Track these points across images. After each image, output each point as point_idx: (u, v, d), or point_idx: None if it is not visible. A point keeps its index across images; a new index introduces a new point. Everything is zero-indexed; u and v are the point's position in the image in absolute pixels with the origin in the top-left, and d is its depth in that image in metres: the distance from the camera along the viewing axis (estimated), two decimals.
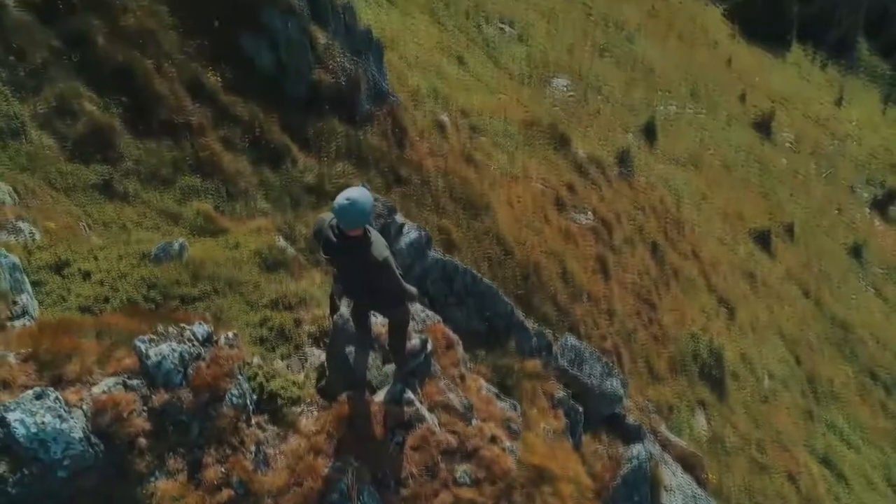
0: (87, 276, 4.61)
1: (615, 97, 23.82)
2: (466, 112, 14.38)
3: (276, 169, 8.12)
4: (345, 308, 3.99)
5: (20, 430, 2.40)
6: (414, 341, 3.90)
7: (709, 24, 43.71)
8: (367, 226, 3.17)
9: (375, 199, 4.87)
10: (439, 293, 5.50)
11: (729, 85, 33.81)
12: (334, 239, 3.19)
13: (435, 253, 5.56)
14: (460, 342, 4.31)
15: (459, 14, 22.13)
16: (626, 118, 22.11)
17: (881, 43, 59.17)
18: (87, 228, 5.68)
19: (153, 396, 2.84)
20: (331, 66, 9.13)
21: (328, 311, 4.46)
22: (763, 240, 19.27)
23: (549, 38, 25.37)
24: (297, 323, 4.44)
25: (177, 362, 2.90)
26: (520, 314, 5.87)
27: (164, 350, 2.90)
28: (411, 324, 3.80)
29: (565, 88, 21.88)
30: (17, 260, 4.01)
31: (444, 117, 13.32)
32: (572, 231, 11.71)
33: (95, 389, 2.76)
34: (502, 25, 23.93)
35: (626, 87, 25.37)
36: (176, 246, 5.20)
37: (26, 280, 4.12)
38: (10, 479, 2.38)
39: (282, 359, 4.06)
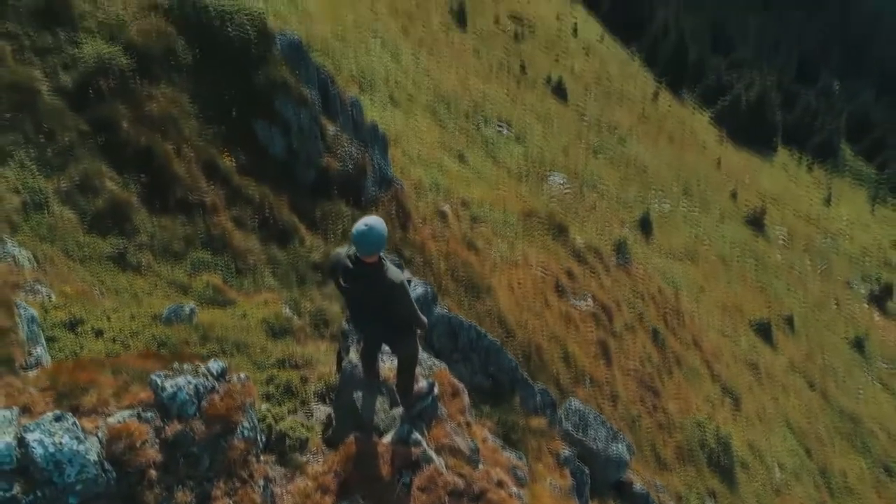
0: (99, 333, 4.71)
1: (610, 193, 24.66)
2: (467, 203, 14.89)
3: (284, 247, 8.37)
4: (354, 353, 4.06)
5: (38, 451, 2.44)
6: (421, 383, 3.94)
7: (697, 128, 45.91)
8: (382, 254, 3.34)
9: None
10: (445, 348, 5.56)
11: (720, 184, 35.02)
12: (351, 266, 3.35)
13: (441, 308, 5.68)
14: (465, 390, 4.34)
15: (459, 115, 23.38)
16: (621, 213, 22.78)
17: (863, 147, 61.83)
18: (100, 294, 5.82)
19: (166, 427, 2.88)
20: (339, 153, 9.62)
21: (335, 369, 4.52)
22: (764, 331, 19.30)
23: (545, 138, 26.63)
24: (304, 380, 4.48)
25: (192, 393, 2.96)
26: (523, 371, 5.88)
27: (180, 382, 2.97)
28: (418, 368, 3.86)
29: (562, 184, 22.69)
30: (35, 313, 4.13)
31: (446, 207, 13.80)
32: (573, 316, 11.82)
33: (111, 420, 2.81)
34: (500, 126, 25.19)
35: (621, 185, 26.32)
36: (186, 310, 5.33)
37: (41, 334, 4.22)
38: (24, 500, 2.39)
39: (288, 413, 4.08)
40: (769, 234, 30.27)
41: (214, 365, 3.25)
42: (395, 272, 3.36)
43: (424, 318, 3.56)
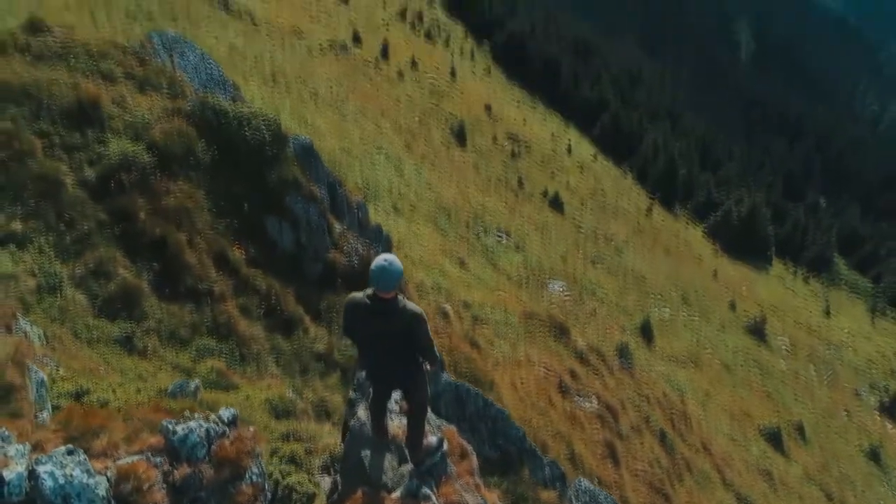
0: (104, 404, 4.68)
1: (610, 300, 24.85)
2: (468, 304, 15.04)
3: (289, 337, 8.42)
4: (362, 411, 4.03)
5: (48, 483, 2.41)
6: (431, 439, 3.87)
7: (692, 241, 46.93)
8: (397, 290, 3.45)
9: None
10: (452, 416, 5.45)
11: (718, 294, 35.31)
12: (370, 303, 3.44)
13: (448, 376, 5.63)
14: (474, 453, 4.24)
15: (460, 224, 24.11)
16: (621, 319, 22.84)
17: (856, 260, 62.90)
18: (105, 372, 5.83)
19: (175, 471, 2.84)
20: (345, 249, 9.90)
21: (340, 440, 4.46)
22: (774, 439, 18.74)
23: (544, 247, 27.25)
24: (308, 452, 4.40)
25: (203, 436, 2.95)
26: (531, 441, 5.72)
27: (191, 425, 2.96)
28: (427, 426, 3.82)
29: (561, 291, 22.94)
30: (44, 376, 4.16)
31: (447, 306, 13.93)
32: (578, 415, 11.59)
33: (120, 462, 2.78)
34: (500, 235, 25.88)
35: (620, 293, 26.57)
36: (192, 386, 5.33)
37: (48, 400, 4.23)
38: None
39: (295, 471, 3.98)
40: (771, 342, 30.11)
41: (225, 412, 3.26)
42: (412, 304, 3.48)
43: (438, 356, 3.60)
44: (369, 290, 3.53)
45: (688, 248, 43.33)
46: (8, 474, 2.39)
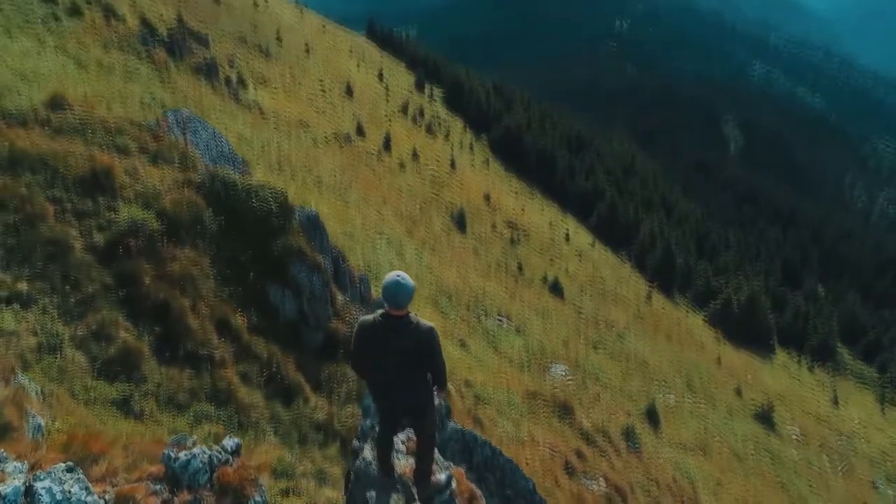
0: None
1: (613, 385, 24.38)
2: (470, 383, 14.76)
3: (288, 406, 8.23)
4: (368, 451, 3.87)
5: (45, 499, 2.29)
6: (439, 476, 3.69)
7: (693, 328, 46.66)
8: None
9: None
10: (459, 464, 5.17)
11: (722, 381, 34.70)
12: (381, 321, 3.39)
13: (454, 424, 5.41)
14: (483, 498, 4.02)
15: (460, 307, 24.04)
16: (626, 404, 22.32)
17: (860, 349, 62.31)
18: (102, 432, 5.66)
19: (175, 498, 2.71)
20: (347, 319, 9.86)
21: (343, 491, 4.27)
22: None
23: (545, 331, 27.04)
24: None
25: (206, 462, 2.83)
26: (541, 495, 5.41)
27: (195, 451, 2.85)
28: (435, 465, 3.66)
29: (564, 375, 22.56)
30: (42, 422, 4.04)
31: (449, 385, 13.66)
32: (586, 497, 11.09)
33: (119, 487, 2.66)
34: (500, 319, 25.75)
35: (623, 377, 26.12)
36: (189, 442, 5.16)
37: (45, 446, 4.09)
38: None
39: None
40: (781, 431, 29.27)
41: (229, 441, 3.15)
42: (424, 321, 3.45)
43: (447, 381, 3.52)
44: (380, 311, 3.53)
45: (689, 336, 43.00)
46: (4, 489, 2.29)
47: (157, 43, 29.05)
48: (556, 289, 35.08)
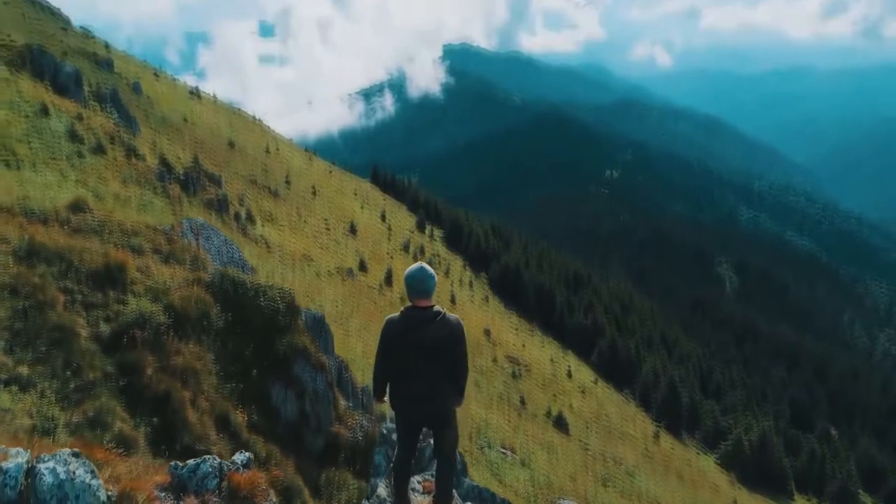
0: None
1: None
2: None
3: None
4: (382, 488, 3.58)
5: (47, 479, 2.12)
6: None
7: (705, 469, 44.43)
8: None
9: None
10: None
11: None
12: (408, 314, 3.29)
13: (470, 480, 4.95)
14: None
15: (463, 436, 23.14)
16: None
17: (882, 496, 58.83)
18: None
19: (180, 503, 2.50)
20: (349, 424, 9.53)
21: None
22: None
23: (552, 465, 25.77)
24: None
25: (216, 466, 2.65)
26: None
27: (205, 457, 2.68)
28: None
29: None
30: None
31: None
32: None
33: (122, 484, 2.47)
34: (504, 451, 24.64)
35: None
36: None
37: None
38: None
39: None
40: None
41: (240, 456, 2.98)
42: (451, 314, 3.38)
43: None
44: (403, 308, 3.49)
45: (702, 476, 40.84)
46: (6, 464, 2.17)
47: (172, 179, 30.59)
48: (560, 423, 33.91)
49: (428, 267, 3.53)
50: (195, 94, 62.91)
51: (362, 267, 46.12)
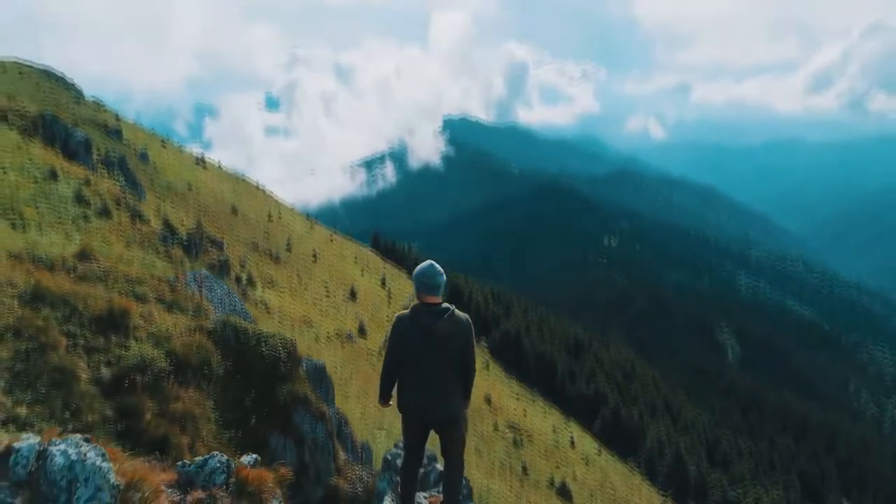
0: None
1: None
2: None
3: None
4: (388, 501, 3.48)
5: (58, 460, 2.11)
6: None
7: None
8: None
9: None
10: None
11: None
12: (417, 311, 3.29)
13: None
14: None
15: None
16: None
17: None
18: None
19: (187, 497, 2.47)
20: (349, 476, 9.32)
21: None
22: None
23: None
24: None
25: (223, 462, 2.62)
26: None
27: (214, 454, 2.66)
28: None
29: None
30: None
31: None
32: None
33: (129, 474, 2.44)
34: None
35: None
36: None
37: None
38: None
39: None
40: None
41: (247, 458, 2.96)
42: (460, 312, 3.40)
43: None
44: (412, 306, 3.51)
45: None
46: (19, 444, 2.19)
47: (175, 242, 30.90)
48: (564, 493, 32.87)
49: (437, 265, 3.61)
50: (201, 162, 64.38)
51: (362, 331, 45.86)
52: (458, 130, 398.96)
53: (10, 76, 47.18)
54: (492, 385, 53.42)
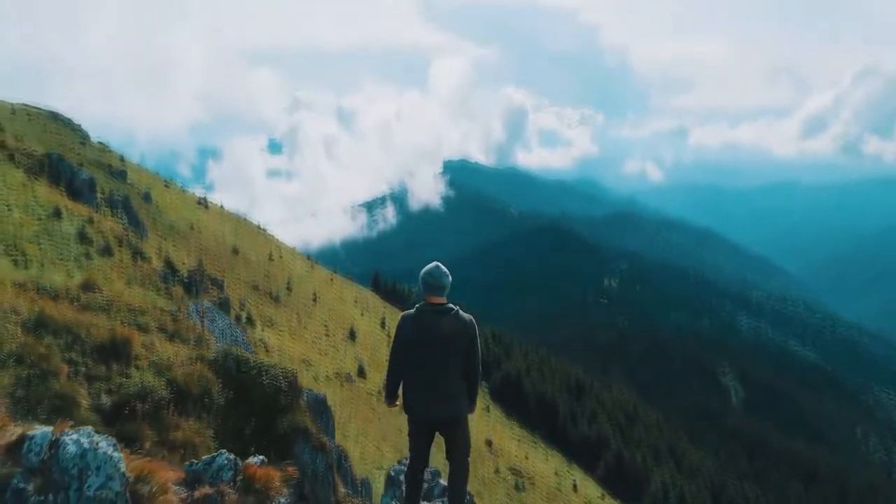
0: None
1: None
2: None
3: None
4: None
5: (71, 449, 2.13)
6: None
7: None
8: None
9: None
10: None
11: None
12: (422, 310, 3.31)
13: None
14: None
15: None
16: None
17: None
18: None
19: (194, 493, 2.47)
20: None
21: None
22: None
23: None
24: None
25: (231, 460, 2.63)
26: None
27: (222, 451, 2.67)
28: None
29: None
30: None
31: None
32: None
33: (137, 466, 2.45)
34: None
35: None
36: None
37: None
38: (32, 499, 1.99)
39: None
40: None
41: (255, 458, 2.96)
42: (465, 313, 3.42)
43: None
44: (414, 309, 3.55)
45: None
46: (33, 433, 2.23)
47: (176, 281, 30.94)
48: None
49: (443, 266, 3.68)
50: (203, 203, 64.92)
51: (361, 372, 45.50)
52: (459, 173, 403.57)
53: (19, 119, 48.06)
54: (493, 428, 52.67)
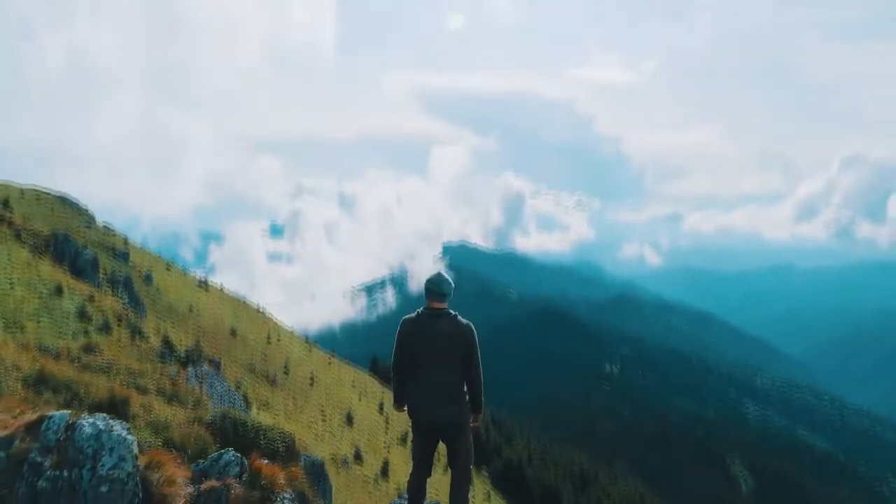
0: None
1: None
2: None
3: None
4: None
5: (86, 430, 2.21)
6: None
7: None
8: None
9: None
10: None
11: None
12: (423, 314, 3.36)
13: None
14: None
15: None
16: None
17: None
18: None
19: (200, 486, 2.50)
20: None
21: None
22: None
23: None
24: None
25: (237, 457, 2.67)
26: None
27: (228, 450, 2.71)
28: None
29: None
30: None
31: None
32: None
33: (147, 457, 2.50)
34: None
35: None
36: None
37: None
38: (48, 473, 2.05)
39: None
40: None
41: (261, 460, 2.99)
42: (464, 318, 3.49)
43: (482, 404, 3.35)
44: (416, 311, 3.63)
45: None
46: (52, 413, 2.33)
47: (173, 359, 30.73)
48: None
49: (445, 273, 3.81)
50: (203, 285, 65.17)
51: (357, 457, 44.11)
52: (458, 256, 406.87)
53: (28, 201, 49.21)
54: None
